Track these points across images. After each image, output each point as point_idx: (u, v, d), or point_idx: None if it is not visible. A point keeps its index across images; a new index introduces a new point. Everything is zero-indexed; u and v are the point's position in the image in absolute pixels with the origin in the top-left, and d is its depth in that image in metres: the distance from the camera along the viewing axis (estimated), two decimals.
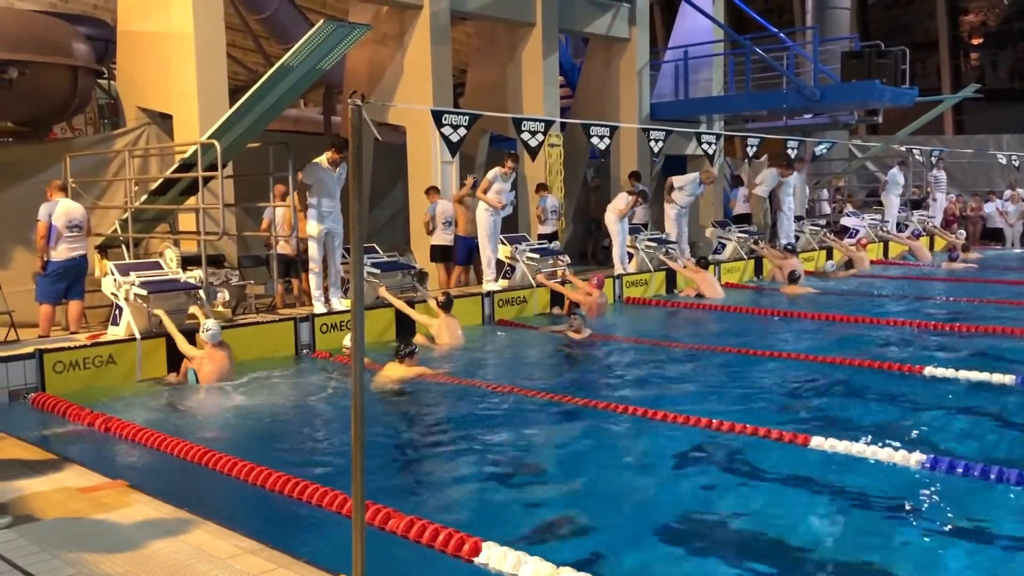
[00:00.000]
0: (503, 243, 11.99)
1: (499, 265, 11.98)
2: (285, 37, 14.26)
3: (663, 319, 12.14)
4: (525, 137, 12.44)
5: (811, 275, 15.28)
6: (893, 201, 18.91)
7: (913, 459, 5.42)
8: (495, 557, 4.01)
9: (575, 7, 15.16)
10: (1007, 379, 7.47)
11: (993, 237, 21.31)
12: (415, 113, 12.20)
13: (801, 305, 12.40)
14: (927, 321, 10.68)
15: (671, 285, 13.93)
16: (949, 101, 21.70)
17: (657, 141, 14.38)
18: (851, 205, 20.21)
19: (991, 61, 28.68)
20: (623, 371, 8.70)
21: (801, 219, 17.30)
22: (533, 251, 12.13)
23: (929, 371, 7.86)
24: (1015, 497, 4.96)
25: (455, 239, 12.28)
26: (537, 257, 12.09)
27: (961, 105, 26.19)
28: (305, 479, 5.05)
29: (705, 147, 15.34)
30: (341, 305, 9.92)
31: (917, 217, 19.63)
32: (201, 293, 8.77)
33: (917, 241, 18.58)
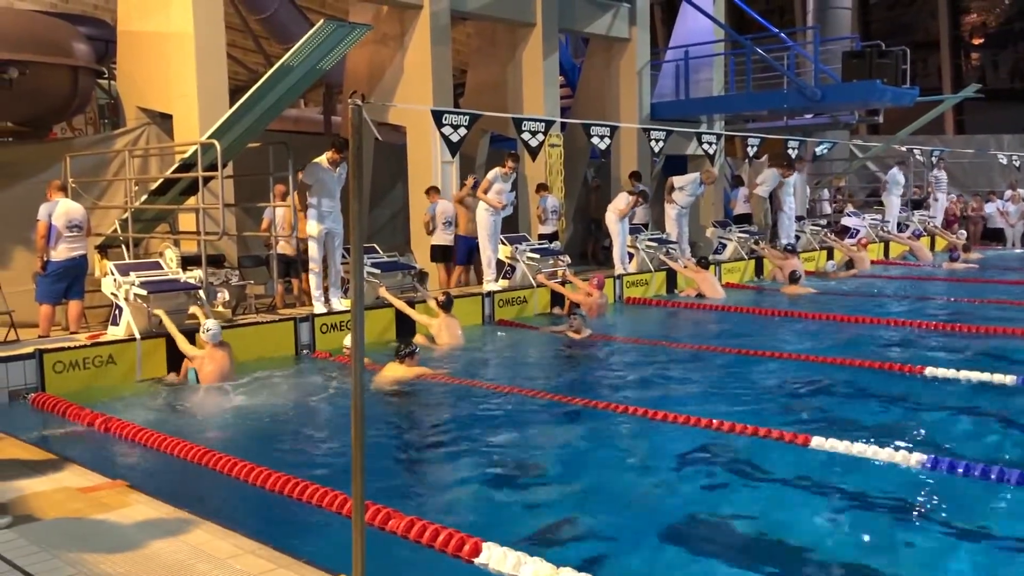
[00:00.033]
0: (503, 243, 11.98)
1: (499, 265, 11.98)
2: (285, 37, 14.26)
3: (663, 319, 12.13)
4: (525, 137, 12.44)
5: (812, 275, 15.27)
6: (894, 201, 18.89)
7: (914, 459, 5.42)
8: (495, 557, 4.00)
9: (575, 7, 15.16)
10: (1008, 379, 7.46)
11: (994, 237, 21.31)
12: (415, 113, 12.20)
13: (802, 305, 12.38)
14: (928, 321, 10.66)
15: (671, 285, 13.92)
16: (950, 101, 21.70)
17: (657, 141, 14.39)
18: (852, 205, 20.21)
19: (992, 61, 28.69)
20: (623, 371, 8.69)
21: (802, 219, 17.30)
22: (533, 251, 12.12)
23: (930, 371, 7.86)
24: (1017, 497, 4.95)
25: (455, 239, 12.28)
26: (537, 257, 12.09)
27: (962, 105, 26.20)
28: (305, 479, 5.04)
29: (706, 147, 15.34)
30: (341, 305, 9.92)
31: (918, 217, 19.62)
32: (201, 293, 8.77)
33: (918, 241, 18.57)
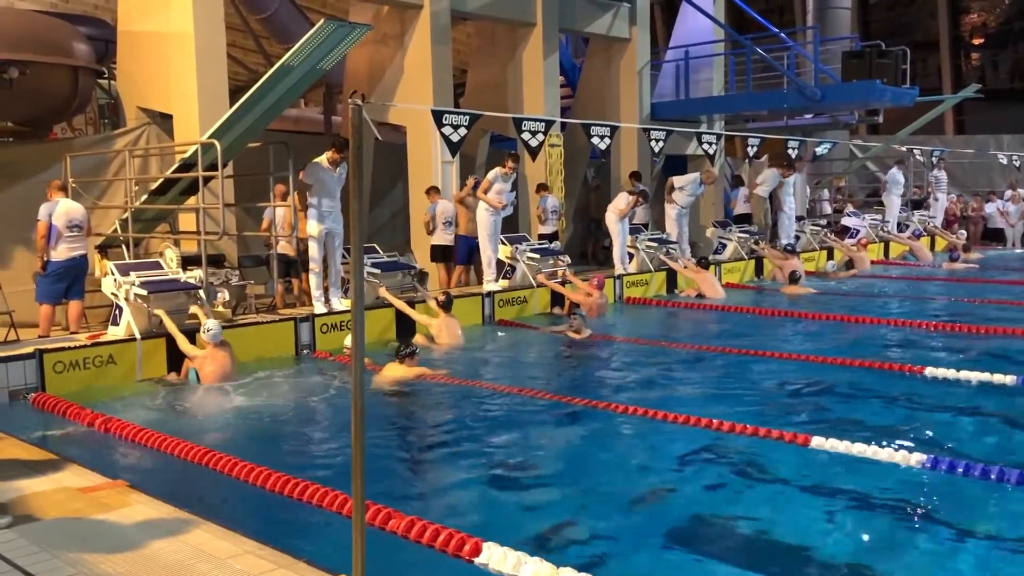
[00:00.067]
0: (503, 243, 11.98)
1: (499, 265, 11.97)
2: (285, 37, 14.27)
3: (663, 319, 12.13)
4: (525, 137, 12.44)
5: (812, 275, 15.26)
6: (894, 201, 18.89)
7: (914, 459, 5.42)
8: (495, 557, 4.00)
9: (575, 7, 15.16)
10: (1008, 379, 7.46)
11: (994, 237, 21.30)
12: (415, 113, 12.20)
13: (802, 305, 12.38)
14: (928, 321, 10.66)
15: (672, 285, 13.92)
16: (950, 101, 21.70)
17: (658, 141, 14.39)
18: (852, 205, 20.20)
19: (992, 61, 28.68)
20: (624, 371, 8.69)
21: (802, 219, 17.31)
22: (533, 251, 12.12)
23: (930, 371, 7.86)
24: (1017, 497, 4.95)
25: (456, 239, 12.28)
26: (537, 257, 12.09)
27: (962, 105, 26.20)
28: (305, 479, 5.04)
29: (706, 147, 15.34)
30: (341, 305, 9.91)
31: (918, 217, 19.61)
32: (201, 293, 8.77)
33: (918, 241, 18.57)
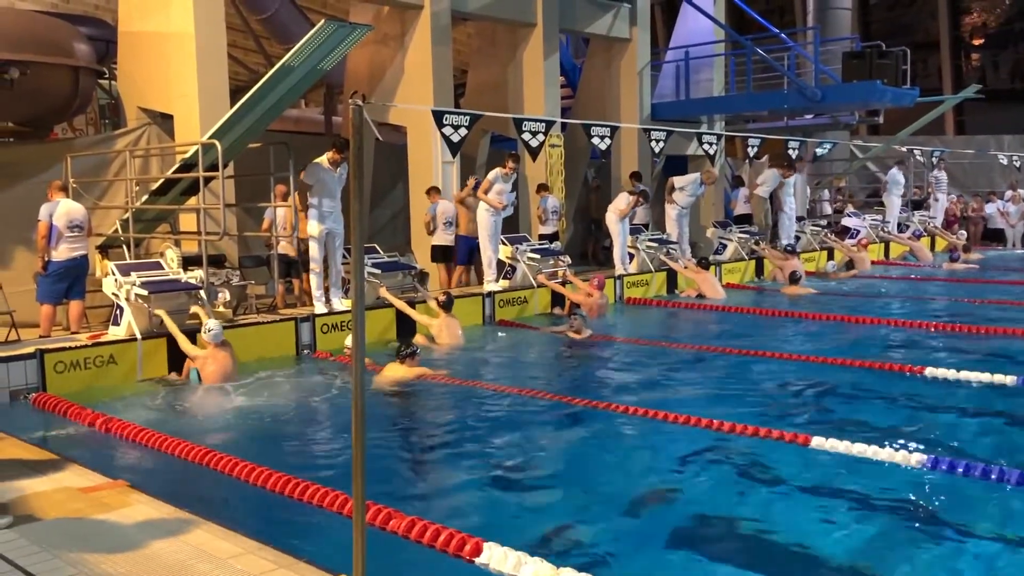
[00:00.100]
0: (504, 243, 11.98)
1: (500, 265, 11.97)
2: (286, 37, 14.28)
3: (664, 320, 12.13)
4: (526, 137, 12.45)
5: (812, 276, 15.26)
6: (894, 202, 18.88)
7: (914, 459, 5.42)
8: (496, 558, 4.00)
9: (576, 7, 15.16)
10: (1008, 380, 7.46)
11: (994, 238, 21.30)
12: (416, 113, 12.20)
13: (802, 306, 12.38)
14: (928, 322, 10.66)
15: (672, 286, 13.92)
16: (950, 102, 21.70)
17: (658, 141, 14.40)
18: (852, 206, 20.21)
19: (992, 61, 28.69)
20: (624, 372, 8.69)
21: (802, 220, 17.31)
22: (534, 251, 12.12)
23: (930, 372, 7.86)
24: (1017, 497, 4.95)
25: (456, 239, 12.28)
26: (538, 257, 12.09)
27: (962, 106, 26.20)
28: (306, 479, 5.04)
29: (706, 147, 15.35)
30: (342, 305, 9.92)
31: (918, 218, 19.61)
32: (202, 293, 8.77)
33: (918, 242, 18.57)
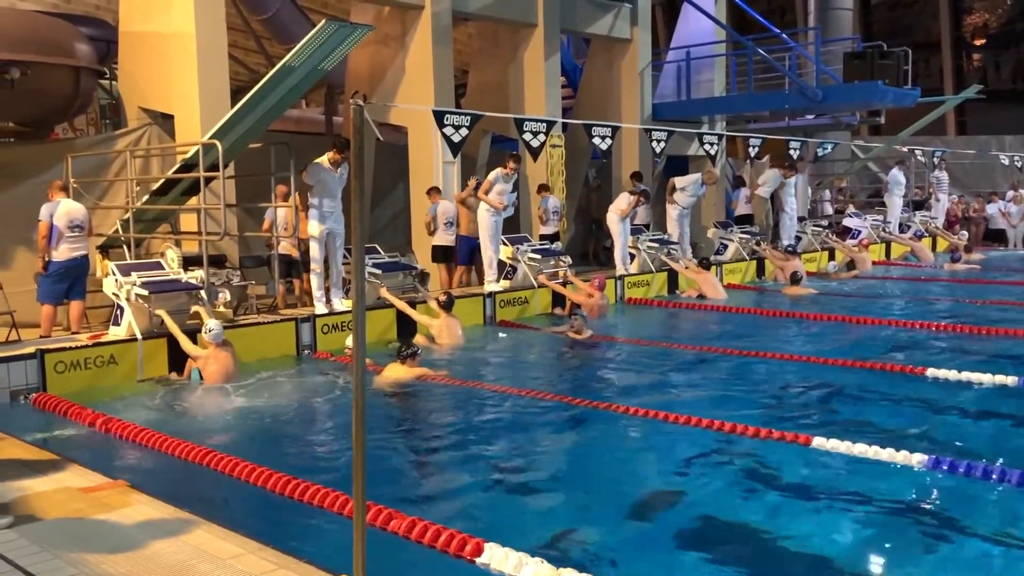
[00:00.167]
0: (505, 244, 11.97)
1: (500, 266, 11.97)
2: (287, 37, 14.28)
3: (665, 320, 12.13)
4: (527, 137, 12.45)
5: (813, 276, 15.25)
6: (895, 202, 18.87)
7: (915, 459, 5.41)
8: (497, 558, 3.99)
9: (577, 8, 15.15)
10: (1010, 380, 7.45)
11: (996, 238, 21.29)
12: (417, 113, 12.20)
13: (803, 306, 12.37)
14: (930, 322, 10.65)
15: (673, 286, 13.92)
16: (952, 102, 21.70)
17: (659, 142, 14.39)
18: (853, 206, 20.21)
19: (994, 62, 28.69)
20: (625, 372, 8.69)
21: (803, 220, 17.30)
22: (535, 252, 12.12)
23: (931, 372, 7.85)
24: (1018, 497, 4.94)
25: (457, 239, 12.28)
26: (538, 258, 12.08)
27: (963, 106, 26.19)
28: (306, 480, 5.03)
29: (707, 148, 15.34)
30: (342, 306, 9.91)
31: (919, 218, 19.60)
32: (202, 293, 8.77)
33: (919, 242, 18.56)
